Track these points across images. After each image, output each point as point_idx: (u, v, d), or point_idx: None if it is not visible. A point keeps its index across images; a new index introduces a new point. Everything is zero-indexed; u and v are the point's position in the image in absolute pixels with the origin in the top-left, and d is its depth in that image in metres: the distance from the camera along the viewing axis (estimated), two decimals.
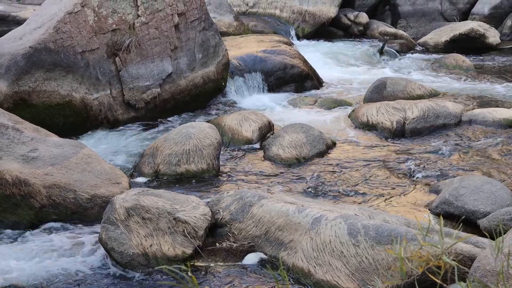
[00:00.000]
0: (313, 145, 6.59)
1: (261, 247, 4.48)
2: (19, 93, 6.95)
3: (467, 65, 11.07)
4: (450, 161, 6.33)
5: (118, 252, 4.41)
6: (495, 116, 7.35)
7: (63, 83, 7.21)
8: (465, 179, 5.25)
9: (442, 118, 7.35)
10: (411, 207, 5.29)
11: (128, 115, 7.79)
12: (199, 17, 8.43)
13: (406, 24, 15.12)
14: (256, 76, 9.29)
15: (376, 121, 7.38)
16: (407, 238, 3.84)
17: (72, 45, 7.27)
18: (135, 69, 7.77)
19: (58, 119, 7.17)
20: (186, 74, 8.29)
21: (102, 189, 5.29)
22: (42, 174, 5.19)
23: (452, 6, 14.96)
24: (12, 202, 5.06)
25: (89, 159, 5.54)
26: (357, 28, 14.31)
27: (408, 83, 8.81)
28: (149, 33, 7.87)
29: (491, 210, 4.77)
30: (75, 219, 5.14)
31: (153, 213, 4.49)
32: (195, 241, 4.46)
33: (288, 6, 14.27)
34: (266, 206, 4.62)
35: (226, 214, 4.75)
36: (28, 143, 5.47)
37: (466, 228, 4.73)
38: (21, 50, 7.01)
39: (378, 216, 4.47)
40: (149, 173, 6.11)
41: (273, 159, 6.47)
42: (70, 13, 7.30)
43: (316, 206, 4.58)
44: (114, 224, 4.49)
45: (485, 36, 12.78)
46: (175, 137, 6.21)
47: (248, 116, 7.23)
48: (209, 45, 8.57)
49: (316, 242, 4.16)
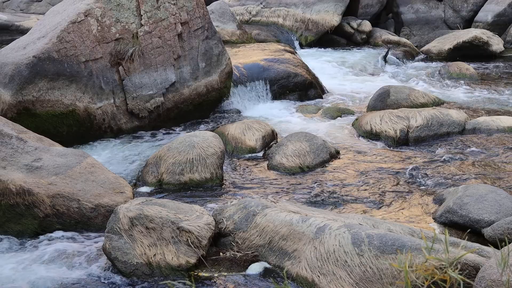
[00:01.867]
0: (316, 154, 6.58)
1: (265, 256, 4.47)
2: (22, 102, 6.96)
3: (470, 73, 11.07)
4: (454, 169, 6.32)
5: (122, 262, 4.40)
6: (499, 124, 7.34)
7: (66, 93, 7.22)
8: (469, 188, 5.23)
9: (446, 127, 7.35)
10: (415, 216, 5.27)
11: (132, 124, 7.80)
12: (202, 26, 8.45)
13: (409, 32, 15.13)
14: (260, 84, 9.30)
15: (379, 130, 7.38)
16: (412, 247, 3.83)
17: (76, 54, 7.28)
18: (139, 78, 7.78)
19: (61, 128, 7.18)
20: (189, 83, 8.29)
21: (105, 199, 5.28)
22: (46, 184, 5.20)
23: (455, 14, 14.96)
24: (16, 212, 5.06)
25: (93, 168, 5.55)
26: (360, 36, 14.32)
27: (412, 91, 8.80)
28: (152, 42, 7.88)
29: (496, 219, 4.75)
30: (79, 229, 5.14)
31: (156, 222, 4.49)
32: (199, 250, 4.45)
33: (291, 15, 14.30)
34: (270, 215, 4.62)
35: (229, 224, 4.74)
36: (32, 153, 5.47)
37: (471, 237, 4.71)
38: (25, 60, 7.03)
39: (382, 225, 4.45)
40: (153, 182, 6.11)
41: (277, 168, 6.47)
42: (73, 23, 7.32)
43: (320, 215, 4.57)
44: (118, 234, 4.49)
45: (488, 43, 12.78)
46: (178, 146, 6.22)
47: (252, 125, 7.23)
48: (212, 54, 8.58)
49: (320, 251, 4.15)
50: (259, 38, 13.17)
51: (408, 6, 15.29)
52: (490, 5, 14.56)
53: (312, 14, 14.12)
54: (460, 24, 14.74)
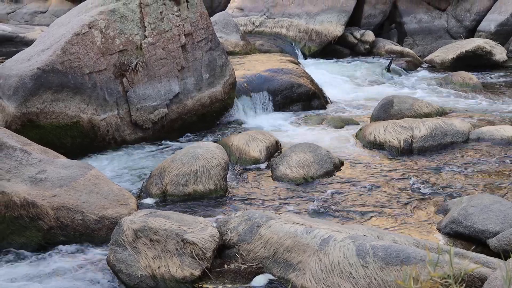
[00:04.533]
0: (320, 165, 6.57)
1: (269, 268, 4.45)
2: (27, 114, 6.98)
3: (474, 82, 11.07)
4: (458, 179, 6.30)
5: (126, 274, 4.40)
6: (503, 133, 7.33)
7: (70, 104, 7.23)
8: (474, 198, 5.22)
9: (450, 136, 7.34)
10: (419, 226, 5.26)
11: (136, 135, 7.80)
12: (206, 37, 8.47)
13: (413, 42, 15.15)
14: (263, 95, 9.31)
15: (383, 140, 7.37)
16: (416, 259, 3.82)
17: (80, 66, 7.30)
18: (142, 89, 7.80)
19: (66, 140, 7.20)
20: (193, 94, 8.31)
21: (110, 210, 5.28)
22: (50, 196, 5.20)
23: (458, 24, 14.98)
24: (20, 224, 5.06)
25: (97, 180, 5.55)
26: (364, 46, 14.35)
27: (415, 101, 8.80)
28: (156, 53, 7.91)
29: (501, 229, 4.74)
30: (83, 241, 5.13)
31: (161, 234, 4.48)
32: (203, 262, 4.44)
33: (294, 25, 14.34)
34: (274, 227, 4.61)
35: (234, 235, 4.73)
36: (36, 165, 5.48)
37: (476, 247, 4.70)
38: (29, 72, 7.05)
39: (387, 237, 4.44)
40: (157, 193, 6.10)
41: (281, 179, 6.46)
42: (77, 35, 7.35)
43: (324, 226, 4.56)
44: (122, 246, 4.49)
45: (491, 53, 12.79)
46: (182, 157, 6.22)
47: (256, 136, 7.23)
48: (216, 65, 8.59)
49: (324, 263, 4.14)
50: (262, 48, 13.21)
51: (411, 16, 15.31)
52: (492, 14, 14.58)
53: (316, 25, 14.16)
54: (463, 34, 14.76)
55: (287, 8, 14.86)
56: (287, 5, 14.89)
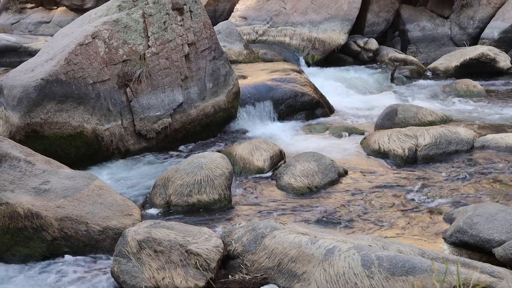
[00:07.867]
0: (325, 174, 6.56)
1: (274, 279, 4.43)
2: (31, 124, 6.98)
3: (478, 90, 11.05)
4: (463, 188, 6.28)
5: (130, 286, 4.38)
6: (508, 141, 7.30)
7: (74, 114, 7.23)
8: (479, 207, 5.19)
9: (454, 145, 7.31)
10: (425, 236, 5.23)
11: (139, 145, 7.80)
12: (209, 46, 8.47)
13: (416, 49, 15.12)
14: (267, 104, 9.30)
15: (388, 149, 7.35)
16: (422, 269, 3.80)
17: (83, 76, 7.31)
18: (146, 99, 7.80)
19: (69, 150, 7.19)
20: (196, 103, 8.30)
21: (114, 221, 5.27)
22: (54, 207, 5.19)
23: (462, 31, 14.96)
24: (24, 235, 5.05)
25: (101, 190, 5.54)
26: (367, 54, 14.34)
27: (419, 109, 8.78)
28: (159, 63, 7.91)
29: (506, 238, 4.71)
30: (87, 252, 5.12)
31: (165, 245, 4.47)
32: (208, 273, 4.43)
33: (297, 34, 14.34)
34: (279, 237, 4.59)
35: (238, 246, 4.71)
36: (40, 176, 5.47)
37: (482, 257, 4.68)
38: (33, 82, 7.06)
39: (392, 246, 4.42)
40: (161, 204, 6.09)
41: (285, 188, 6.45)
42: (81, 45, 7.36)
43: (329, 236, 4.54)
44: (126, 257, 4.47)
45: (495, 60, 12.77)
46: (186, 167, 6.20)
47: (260, 145, 7.22)
48: (220, 74, 8.59)
49: (329, 273, 4.12)
50: (266, 57, 13.20)
51: (415, 23, 15.30)
52: (496, 22, 14.56)
53: (319, 33, 14.16)
54: (466, 41, 14.74)
55: (290, 17, 14.87)
56: (290, 14, 14.90)
